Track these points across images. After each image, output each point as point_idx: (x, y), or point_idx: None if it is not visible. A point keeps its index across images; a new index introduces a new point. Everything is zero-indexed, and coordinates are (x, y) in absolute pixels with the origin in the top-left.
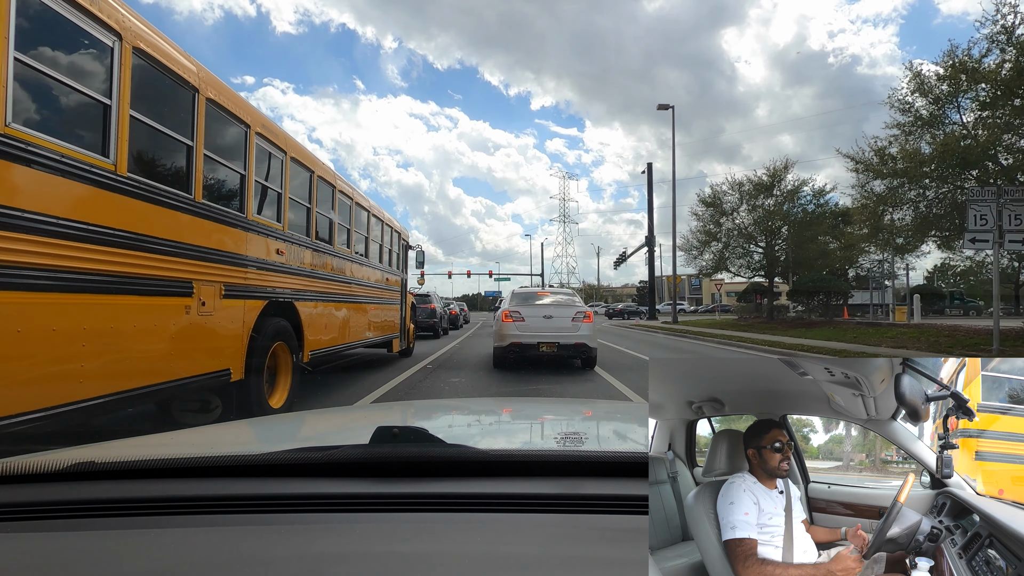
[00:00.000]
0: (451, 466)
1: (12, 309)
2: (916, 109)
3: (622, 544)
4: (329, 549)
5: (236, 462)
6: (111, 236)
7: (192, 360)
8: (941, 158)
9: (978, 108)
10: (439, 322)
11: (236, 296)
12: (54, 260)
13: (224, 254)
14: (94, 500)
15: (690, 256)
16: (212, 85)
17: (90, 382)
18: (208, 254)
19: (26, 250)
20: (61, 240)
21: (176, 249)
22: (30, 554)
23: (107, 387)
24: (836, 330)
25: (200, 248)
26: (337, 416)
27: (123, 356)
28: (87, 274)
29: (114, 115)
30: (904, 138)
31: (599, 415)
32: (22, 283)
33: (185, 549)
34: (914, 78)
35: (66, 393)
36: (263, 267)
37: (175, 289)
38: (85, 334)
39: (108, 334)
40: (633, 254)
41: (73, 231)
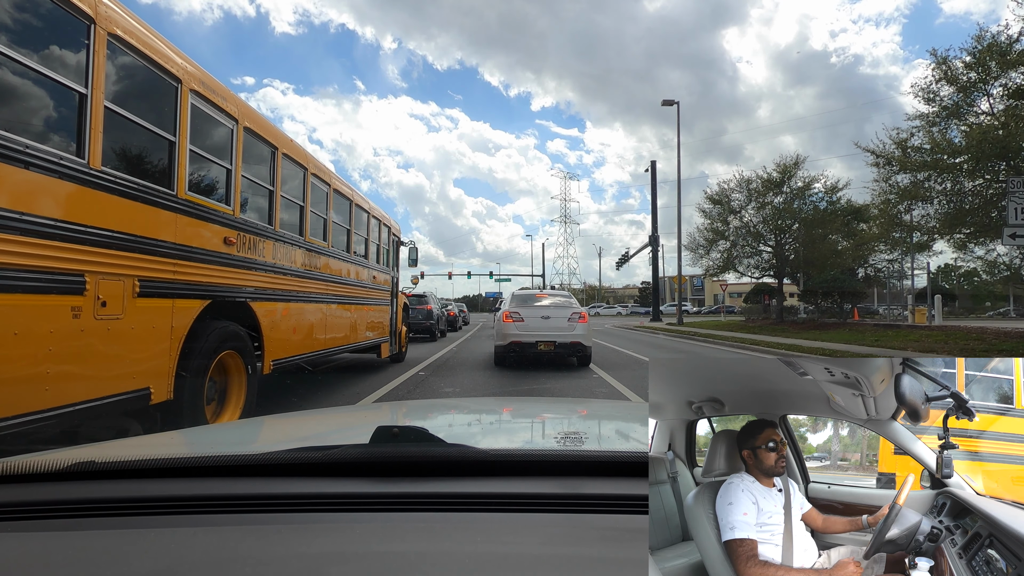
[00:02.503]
0: (451, 466)
1: None
2: (941, 99)
3: (622, 544)
4: (329, 549)
5: (236, 462)
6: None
7: (89, 380)
8: (978, 147)
9: (1009, 96)
10: (436, 324)
11: (159, 294)
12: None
13: (138, 240)
14: (94, 500)
15: (696, 255)
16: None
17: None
18: (111, 239)
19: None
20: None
21: (57, 230)
22: (30, 554)
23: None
24: (853, 332)
25: (98, 230)
26: (337, 416)
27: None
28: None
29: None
30: (928, 129)
31: (599, 415)
32: None
33: (185, 549)
34: (939, 65)
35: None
36: (202, 258)
37: (56, 285)
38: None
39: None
40: (636, 254)
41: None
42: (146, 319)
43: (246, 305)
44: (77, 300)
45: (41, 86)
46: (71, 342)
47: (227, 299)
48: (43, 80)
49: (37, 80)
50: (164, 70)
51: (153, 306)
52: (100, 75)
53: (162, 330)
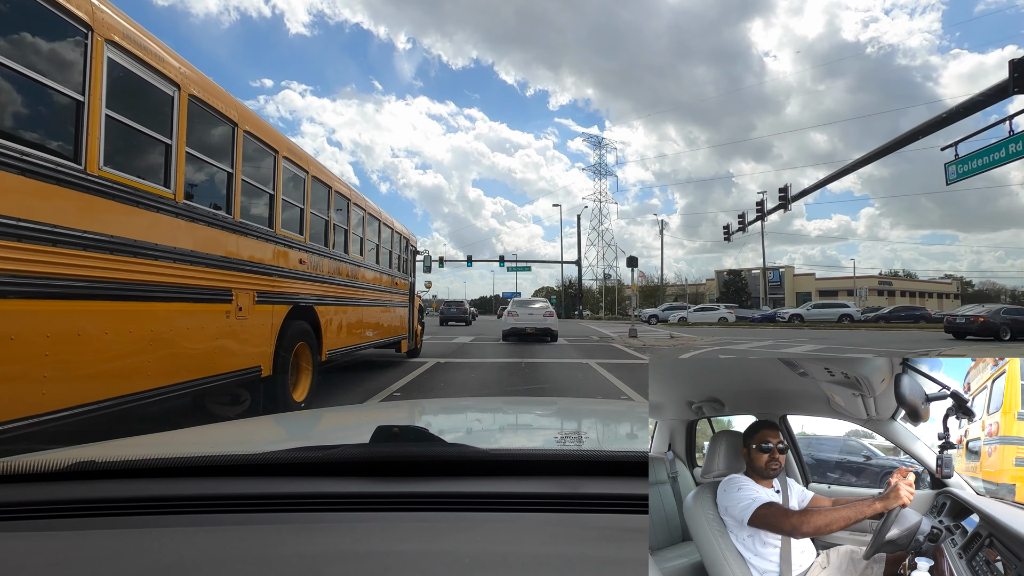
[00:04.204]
0: (451, 465)
1: (135, 316)
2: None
3: (622, 543)
4: (329, 548)
5: (236, 461)
6: (173, 254)
7: (232, 358)
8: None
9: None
10: (468, 315)
11: (266, 302)
12: (140, 276)
13: (257, 265)
14: (94, 500)
15: None
16: (250, 120)
17: (157, 375)
18: (244, 266)
19: (133, 271)
20: (143, 260)
21: (219, 262)
22: (30, 554)
23: (168, 379)
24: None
25: (238, 260)
26: (338, 415)
27: (179, 353)
28: (155, 286)
29: (174, 153)
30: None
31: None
32: (134, 295)
33: (186, 548)
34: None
35: (139, 384)
36: (288, 276)
37: (218, 297)
38: (152, 335)
39: (171, 333)
40: (757, 220)
41: (150, 252)
42: (260, 319)
43: (312, 309)
44: (228, 306)
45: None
46: (224, 332)
47: (301, 305)
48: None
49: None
50: (271, 147)
51: (263, 310)
52: (240, 157)
53: (267, 327)
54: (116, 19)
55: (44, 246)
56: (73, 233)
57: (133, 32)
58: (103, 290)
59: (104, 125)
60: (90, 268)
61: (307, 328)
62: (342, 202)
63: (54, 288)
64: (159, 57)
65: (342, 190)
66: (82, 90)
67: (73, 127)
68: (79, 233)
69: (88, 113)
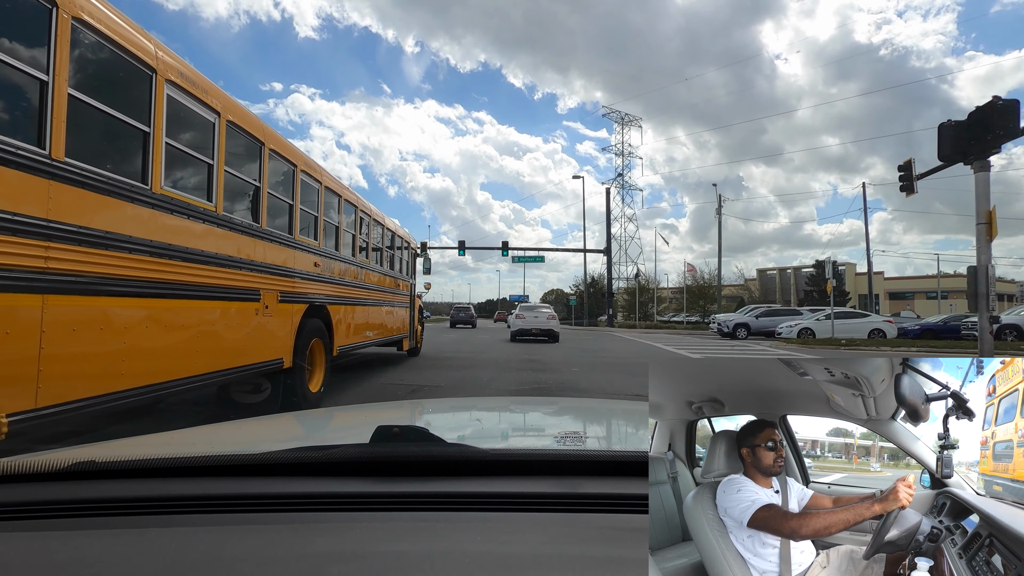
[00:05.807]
0: (452, 465)
1: (189, 311)
2: None
3: (622, 543)
4: (329, 548)
5: (236, 461)
6: (216, 259)
7: (259, 351)
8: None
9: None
10: (473, 319)
11: (287, 301)
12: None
13: (279, 268)
14: (94, 500)
15: None
16: (273, 140)
17: (202, 363)
18: (269, 268)
19: (189, 274)
20: (196, 264)
21: (249, 265)
22: (30, 554)
23: (208, 367)
24: None
25: (264, 264)
26: (338, 415)
27: (219, 344)
28: (203, 287)
29: (215, 172)
30: None
31: (599, 414)
32: (189, 294)
33: (185, 548)
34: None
35: (189, 368)
36: (305, 278)
37: (249, 296)
38: (199, 328)
39: (214, 327)
40: (929, 173)
41: (200, 257)
42: (282, 316)
43: (324, 308)
44: (257, 304)
45: (240, 184)
46: (254, 328)
47: (316, 304)
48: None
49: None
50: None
51: (285, 308)
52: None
53: (288, 324)
54: (173, 62)
55: (122, 253)
56: (143, 243)
57: (186, 71)
58: (165, 290)
59: (165, 151)
60: (156, 271)
61: (321, 326)
62: (350, 209)
63: (129, 288)
64: (205, 90)
65: (350, 198)
66: (149, 123)
67: (140, 155)
68: (146, 242)
69: (153, 143)
